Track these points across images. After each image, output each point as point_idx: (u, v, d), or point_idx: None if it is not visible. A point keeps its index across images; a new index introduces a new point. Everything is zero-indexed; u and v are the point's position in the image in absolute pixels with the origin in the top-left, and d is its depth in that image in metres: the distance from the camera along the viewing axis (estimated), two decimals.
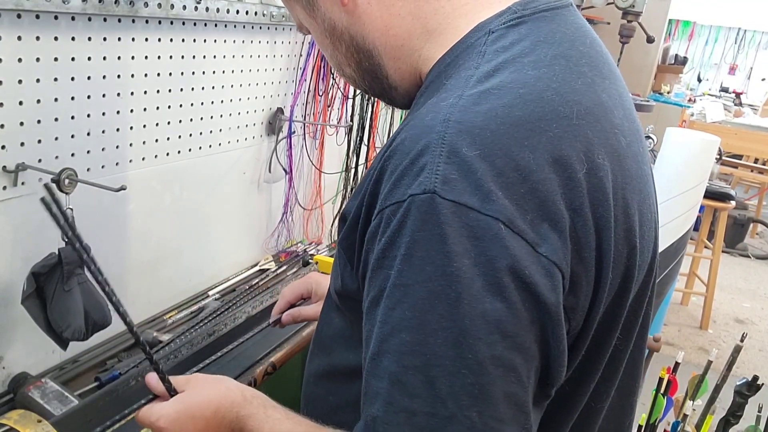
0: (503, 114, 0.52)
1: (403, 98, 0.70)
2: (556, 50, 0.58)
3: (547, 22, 0.60)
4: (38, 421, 0.90)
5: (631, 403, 0.73)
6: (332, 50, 0.69)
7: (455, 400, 0.49)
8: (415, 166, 0.52)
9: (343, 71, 0.71)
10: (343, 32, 0.66)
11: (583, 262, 0.54)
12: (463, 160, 0.50)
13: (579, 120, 0.55)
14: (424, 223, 0.50)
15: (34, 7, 0.93)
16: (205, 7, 1.24)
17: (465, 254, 0.49)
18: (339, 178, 1.94)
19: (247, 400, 0.69)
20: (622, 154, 0.58)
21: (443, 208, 0.49)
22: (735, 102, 7.22)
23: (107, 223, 1.19)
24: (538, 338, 0.52)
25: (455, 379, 0.49)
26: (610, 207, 0.55)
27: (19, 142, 0.99)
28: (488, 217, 0.49)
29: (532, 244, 0.50)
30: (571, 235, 0.52)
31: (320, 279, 1.02)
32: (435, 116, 0.54)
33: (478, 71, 0.56)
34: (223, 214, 1.51)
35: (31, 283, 0.99)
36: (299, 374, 1.37)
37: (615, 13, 2.54)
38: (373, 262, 0.54)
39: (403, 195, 0.52)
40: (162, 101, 1.24)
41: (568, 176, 0.53)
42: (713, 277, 3.56)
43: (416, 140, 0.53)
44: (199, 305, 1.41)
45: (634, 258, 0.60)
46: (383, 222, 0.53)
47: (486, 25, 0.60)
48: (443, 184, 0.50)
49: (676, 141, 2.50)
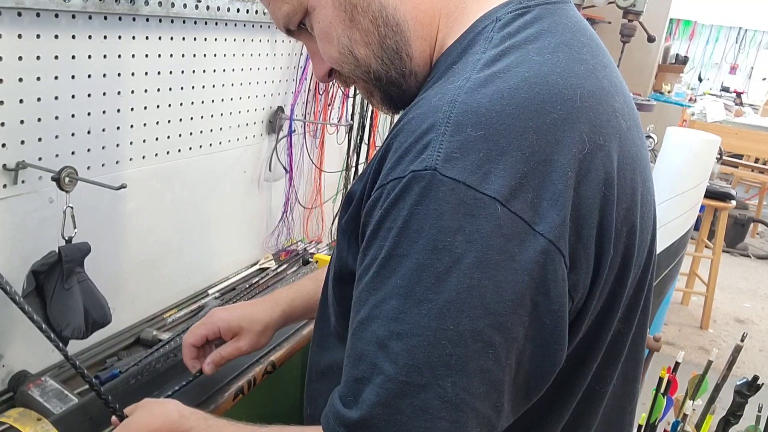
0: (509, 96, 0.54)
1: (414, 89, 0.68)
2: (559, 39, 0.59)
3: (550, 14, 0.62)
4: (38, 420, 0.90)
5: (633, 389, 0.74)
6: (346, 28, 0.64)
7: (431, 369, 0.51)
8: (419, 143, 0.54)
9: (353, 54, 0.65)
10: (371, 2, 0.63)
11: (582, 239, 0.55)
12: (467, 139, 0.52)
13: (582, 103, 0.56)
14: (422, 198, 0.52)
15: (35, 5, 0.93)
16: (206, 5, 1.24)
17: (459, 230, 0.51)
18: (339, 177, 1.94)
19: (184, 417, 0.74)
20: (623, 136, 0.60)
21: (442, 184, 0.51)
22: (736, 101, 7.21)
23: (107, 221, 1.19)
24: (528, 319, 0.53)
25: (434, 349, 0.51)
26: (612, 186, 0.57)
27: (19, 140, 0.99)
28: (485, 196, 0.51)
29: (530, 222, 0.52)
30: (571, 214, 0.53)
31: (224, 315, 0.96)
32: (442, 97, 0.55)
33: (485, 56, 0.58)
34: (224, 213, 1.51)
35: (30, 282, 0.99)
36: (299, 373, 1.37)
37: (616, 13, 2.54)
38: (369, 233, 0.56)
39: (404, 171, 0.53)
40: (162, 100, 1.24)
41: (571, 156, 0.54)
42: (713, 276, 3.56)
43: (423, 119, 0.55)
44: (199, 304, 1.41)
45: (633, 237, 0.61)
46: (383, 196, 0.55)
47: (493, 13, 0.62)
48: (445, 161, 0.52)
49: (676, 140, 2.50)
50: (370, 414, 0.53)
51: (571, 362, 0.60)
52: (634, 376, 0.73)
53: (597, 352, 0.63)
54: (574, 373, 0.62)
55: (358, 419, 0.54)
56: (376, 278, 0.54)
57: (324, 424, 0.58)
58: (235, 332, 0.95)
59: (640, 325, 0.70)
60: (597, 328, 0.62)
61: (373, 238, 0.55)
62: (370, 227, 0.56)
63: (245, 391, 1.11)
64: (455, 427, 0.52)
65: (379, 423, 0.53)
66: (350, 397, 0.55)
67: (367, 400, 0.53)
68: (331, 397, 0.59)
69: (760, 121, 5.74)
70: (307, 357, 0.81)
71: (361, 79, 0.68)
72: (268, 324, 0.96)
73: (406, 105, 0.70)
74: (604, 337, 0.63)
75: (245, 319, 0.95)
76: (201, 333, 0.96)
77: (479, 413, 0.53)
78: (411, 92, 0.68)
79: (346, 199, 0.66)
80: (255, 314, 0.96)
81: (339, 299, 0.70)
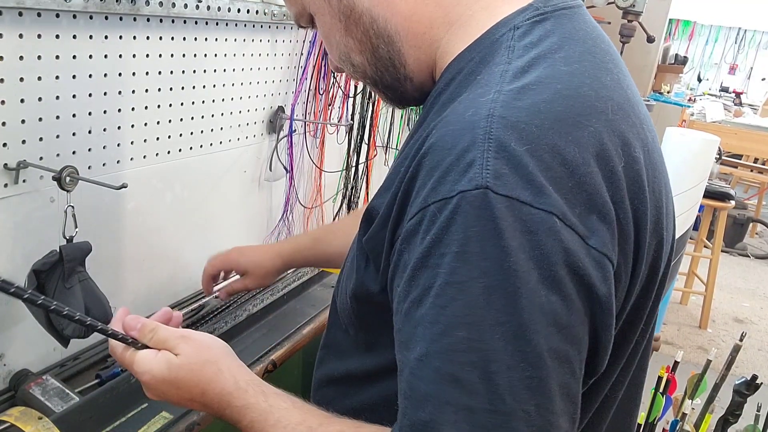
0: (545, 110, 0.52)
1: (415, 91, 0.68)
2: (582, 47, 0.59)
3: (569, 20, 0.61)
4: (39, 418, 0.91)
5: (638, 393, 0.74)
6: (342, 35, 0.66)
7: (513, 394, 0.49)
8: (462, 161, 0.51)
9: (350, 60, 0.67)
10: (362, 14, 0.63)
11: (623, 253, 0.55)
12: (513, 155, 0.50)
13: (614, 115, 0.56)
14: (477, 219, 0.49)
15: (36, 5, 0.93)
16: (206, 5, 1.24)
17: (521, 249, 0.49)
18: (339, 177, 1.95)
19: (241, 389, 0.64)
20: (650, 147, 0.60)
21: (497, 203, 0.49)
22: (735, 102, 7.22)
23: (108, 220, 1.19)
24: (589, 330, 0.52)
25: (514, 373, 0.49)
26: (646, 199, 0.57)
27: (20, 139, 0.99)
28: (542, 211, 0.49)
29: (583, 236, 0.51)
30: (617, 227, 0.53)
31: (236, 256, 1.16)
32: (476, 112, 0.53)
33: (511, 66, 0.56)
34: (224, 212, 1.52)
35: (32, 281, 0.99)
36: (299, 372, 1.37)
37: (615, 13, 2.55)
38: (416, 261, 0.52)
39: (450, 191, 0.51)
40: (163, 99, 1.25)
41: (610, 170, 0.53)
42: (712, 276, 3.56)
43: (458, 136, 0.52)
44: (200, 303, 1.41)
45: (660, 250, 0.61)
46: (426, 219, 0.52)
47: (510, 20, 0.60)
48: (495, 179, 0.49)
49: (676, 140, 2.51)
50: None
51: None
52: (640, 381, 0.73)
53: (619, 361, 0.64)
54: (596, 382, 0.62)
55: None
56: (432, 310, 0.51)
57: None
58: (243, 271, 1.16)
59: (649, 333, 0.70)
60: (621, 339, 0.62)
61: (421, 267, 0.52)
62: (415, 255, 0.52)
63: None
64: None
65: None
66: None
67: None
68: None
69: (759, 122, 5.75)
70: (308, 356, 0.81)
71: (361, 80, 0.70)
72: (270, 270, 1.16)
73: (409, 103, 0.71)
74: (627, 348, 0.64)
75: (252, 264, 1.15)
76: (218, 266, 1.18)
77: (563, 430, 0.51)
78: (412, 94, 0.69)
79: (365, 216, 0.63)
80: (261, 261, 1.15)
81: (358, 314, 0.68)
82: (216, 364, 0.66)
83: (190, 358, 0.66)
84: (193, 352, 0.66)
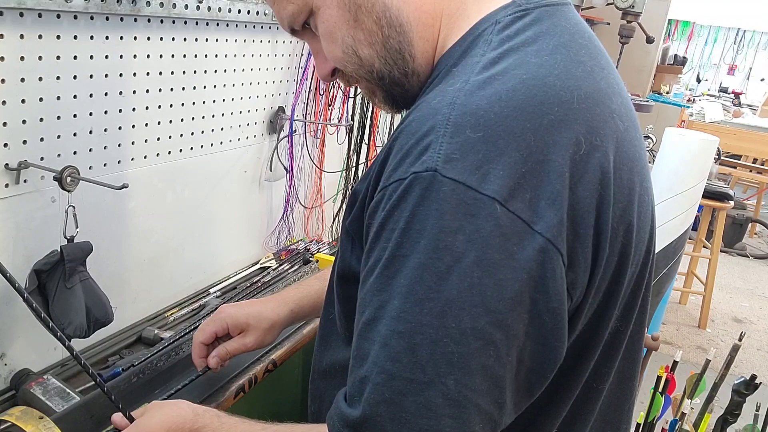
0: (506, 97, 0.55)
1: (416, 89, 0.68)
2: (558, 41, 0.60)
3: (549, 16, 0.62)
4: (40, 418, 0.91)
5: (630, 386, 0.75)
6: (350, 27, 0.64)
7: (434, 366, 0.52)
8: (420, 145, 0.55)
9: (357, 54, 0.66)
10: (375, 2, 0.63)
11: (579, 238, 0.56)
12: (466, 141, 0.53)
13: (579, 104, 0.57)
14: (423, 199, 0.53)
15: (37, 6, 0.94)
16: (207, 6, 1.24)
17: (460, 230, 0.52)
18: (340, 177, 1.95)
19: (198, 414, 0.74)
20: (620, 137, 0.60)
21: (443, 185, 0.52)
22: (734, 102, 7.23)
23: (109, 220, 1.20)
24: (528, 316, 0.54)
25: (436, 347, 0.52)
26: (609, 186, 0.58)
27: (21, 140, 0.99)
28: (485, 197, 0.52)
29: (528, 222, 0.53)
30: (569, 213, 0.54)
31: (232, 311, 0.97)
32: (442, 99, 0.56)
33: (483, 58, 0.58)
34: (225, 212, 1.52)
35: (33, 281, 1.00)
36: (299, 372, 1.38)
37: (615, 14, 2.55)
38: (373, 235, 0.57)
39: (405, 172, 0.54)
40: (164, 100, 1.25)
41: (568, 157, 0.55)
42: (712, 276, 3.57)
43: (423, 122, 0.56)
44: (201, 303, 1.42)
45: (630, 236, 0.61)
46: (385, 197, 0.56)
47: (493, 15, 0.62)
48: (445, 162, 0.53)
49: (675, 141, 2.51)
50: (373, 412, 0.54)
51: (569, 359, 0.60)
52: (631, 374, 0.74)
53: (594, 349, 0.64)
54: (571, 370, 0.63)
55: (362, 417, 0.55)
56: (379, 279, 0.55)
57: (329, 424, 0.59)
58: (242, 328, 0.96)
59: (638, 324, 0.71)
60: (594, 326, 0.63)
61: (376, 240, 0.56)
62: (373, 229, 0.57)
63: (246, 389, 1.11)
64: (458, 424, 0.53)
65: (383, 421, 0.53)
66: (356, 396, 0.56)
67: (371, 399, 0.54)
68: (336, 397, 0.60)
69: (758, 122, 5.76)
70: (308, 355, 0.82)
71: (364, 79, 0.69)
72: (275, 322, 0.97)
73: (409, 105, 0.71)
74: (602, 335, 0.64)
75: (252, 317, 0.96)
76: (211, 330, 0.97)
77: (482, 409, 0.53)
78: (413, 92, 0.69)
79: (350, 200, 0.67)
80: (262, 312, 0.97)
81: (343, 299, 0.71)
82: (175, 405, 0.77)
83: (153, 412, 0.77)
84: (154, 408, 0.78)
